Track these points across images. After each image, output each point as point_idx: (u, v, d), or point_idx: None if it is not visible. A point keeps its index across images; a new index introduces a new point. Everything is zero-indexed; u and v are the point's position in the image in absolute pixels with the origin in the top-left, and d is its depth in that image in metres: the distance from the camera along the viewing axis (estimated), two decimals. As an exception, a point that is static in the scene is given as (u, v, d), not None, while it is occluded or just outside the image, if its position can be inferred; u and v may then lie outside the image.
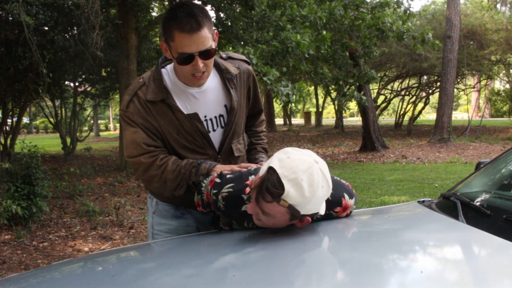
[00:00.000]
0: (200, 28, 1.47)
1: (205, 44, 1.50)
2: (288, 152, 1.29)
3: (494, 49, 15.92)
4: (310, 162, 1.26)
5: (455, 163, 9.85)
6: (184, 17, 1.46)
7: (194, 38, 1.47)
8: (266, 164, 1.30)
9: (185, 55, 1.49)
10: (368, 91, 12.72)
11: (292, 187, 1.23)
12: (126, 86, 8.61)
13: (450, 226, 1.41)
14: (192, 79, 1.58)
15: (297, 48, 5.81)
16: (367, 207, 5.50)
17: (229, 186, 1.45)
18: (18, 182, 4.58)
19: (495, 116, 26.73)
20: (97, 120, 27.90)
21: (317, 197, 1.26)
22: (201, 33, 1.47)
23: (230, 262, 1.30)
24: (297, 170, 1.23)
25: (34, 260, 3.89)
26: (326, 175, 1.29)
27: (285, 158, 1.26)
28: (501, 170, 1.84)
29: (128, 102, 1.61)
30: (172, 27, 1.47)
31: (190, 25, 1.45)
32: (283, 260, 1.25)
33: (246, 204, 1.42)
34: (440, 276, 1.05)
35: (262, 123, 1.99)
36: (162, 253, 1.53)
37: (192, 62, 1.51)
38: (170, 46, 1.52)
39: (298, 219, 1.32)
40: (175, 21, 1.46)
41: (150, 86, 1.60)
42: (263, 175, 1.26)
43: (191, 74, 1.55)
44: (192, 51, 1.49)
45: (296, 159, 1.26)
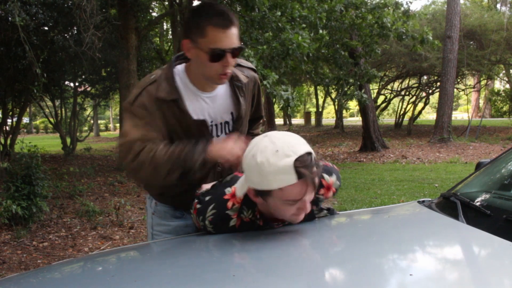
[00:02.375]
0: (232, 24, 1.48)
1: (236, 41, 1.51)
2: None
3: (494, 49, 15.91)
4: (259, 140, 1.29)
5: (455, 163, 9.85)
6: (216, 14, 1.47)
7: (227, 33, 1.47)
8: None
9: (218, 50, 1.48)
10: (368, 91, 12.71)
11: (247, 172, 1.30)
12: (126, 86, 8.62)
13: (450, 226, 1.41)
14: (217, 78, 1.56)
15: (297, 50, 5.81)
16: (367, 207, 5.51)
17: (211, 208, 1.43)
18: (18, 182, 4.58)
19: (495, 116, 26.72)
20: (97, 120, 27.91)
21: (263, 167, 1.23)
22: (233, 30, 1.49)
23: (230, 262, 1.30)
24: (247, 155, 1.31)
25: (34, 260, 3.89)
26: (276, 142, 1.25)
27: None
28: (501, 170, 1.84)
29: (137, 96, 1.57)
30: (205, 23, 1.47)
31: (224, 21, 1.47)
32: (283, 260, 1.25)
33: (233, 219, 1.42)
34: (440, 276, 1.05)
35: (259, 126, 2.00)
36: (162, 253, 1.53)
37: (223, 59, 1.50)
38: (197, 43, 1.50)
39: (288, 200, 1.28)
40: (207, 17, 1.47)
41: (162, 84, 1.58)
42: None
43: (218, 73, 1.54)
44: (225, 46, 1.48)
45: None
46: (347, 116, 37.70)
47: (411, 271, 1.06)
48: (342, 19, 7.75)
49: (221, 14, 1.47)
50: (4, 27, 6.50)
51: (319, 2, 7.11)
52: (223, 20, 1.46)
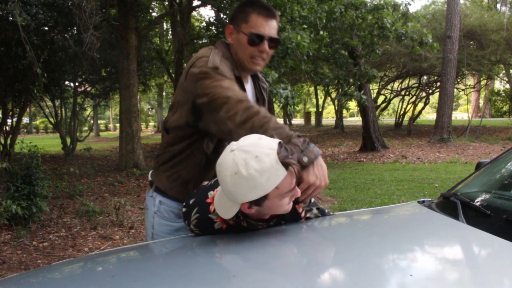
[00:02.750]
0: (274, 17, 1.63)
1: (275, 32, 1.63)
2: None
3: (494, 49, 15.91)
4: (229, 156, 1.25)
5: (455, 163, 9.85)
6: (261, 4, 1.62)
7: (268, 22, 1.61)
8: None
9: (258, 34, 1.59)
10: (368, 91, 12.72)
11: (235, 190, 1.26)
12: (126, 86, 8.62)
13: (450, 226, 1.41)
14: (250, 63, 1.65)
15: (297, 49, 5.81)
16: (367, 207, 5.51)
17: (194, 212, 1.44)
18: (18, 182, 4.58)
19: (495, 116, 26.73)
20: (97, 120, 27.92)
21: (254, 177, 1.21)
22: (274, 21, 1.63)
23: (230, 262, 1.30)
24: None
25: (34, 260, 3.89)
26: (249, 150, 1.23)
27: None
28: (501, 170, 1.84)
29: (219, 61, 1.57)
30: (249, 10, 1.60)
31: (267, 10, 1.61)
32: (283, 260, 1.25)
33: (216, 222, 1.42)
34: (440, 276, 1.05)
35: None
36: (162, 253, 1.53)
37: (261, 45, 1.61)
38: (240, 28, 1.61)
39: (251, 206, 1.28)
40: (253, 5, 1.61)
41: (228, 60, 1.64)
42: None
43: (252, 57, 1.63)
44: (265, 33, 1.60)
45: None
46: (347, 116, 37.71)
47: (411, 271, 1.06)
48: (342, 19, 7.75)
49: (266, 7, 1.62)
50: (5, 27, 6.50)
51: (319, 2, 7.11)
52: (267, 10, 1.61)
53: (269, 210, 1.32)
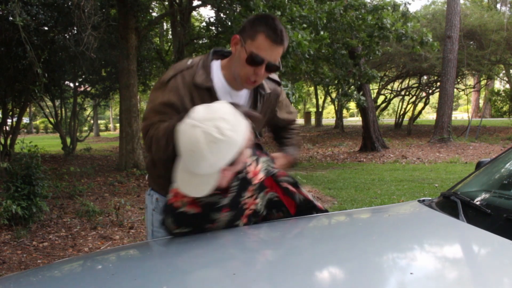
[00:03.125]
0: (282, 44, 1.56)
1: (277, 59, 1.59)
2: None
3: (494, 49, 15.91)
4: (190, 132, 1.30)
5: (455, 163, 9.85)
6: (273, 27, 1.54)
7: (273, 48, 1.55)
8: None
9: (258, 58, 1.55)
10: (368, 91, 12.72)
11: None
12: (126, 86, 8.62)
13: (450, 225, 1.41)
14: (244, 81, 1.62)
15: (297, 48, 5.80)
16: (367, 207, 5.50)
17: (167, 218, 1.52)
18: (18, 182, 4.58)
19: (495, 116, 26.73)
20: (97, 120, 27.92)
21: (211, 153, 1.27)
22: (280, 48, 1.57)
23: (230, 260, 1.30)
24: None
25: (34, 260, 3.89)
26: (195, 116, 1.31)
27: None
28: (501, 169, 1.84)
29: (171, 77, 1.61)
30: (260, 29, 1.54)
31: (277, 36, 1.54)
32: (283, 259, 1.25)
33: (190, 210, 1.48)
34: (440, 274, 1.05)
35: (292, 133, 2.04)
36: (161, 251, 1.53)
37: (258, 67, 1.57)
38: (245, 42, 1.56)
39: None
40: (266, 25, 1.54)
41: (199, 71, 1.63)
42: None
43: (247, 77, 1.60)
44: (266, 57, 1.55)
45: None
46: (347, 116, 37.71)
47: (412, 270, 1.06)
48: (342, 20, 7.75)
49: (278, 30, 1.54)
50: (5, 27, 6.50)
51: (319, 3, 7.11)
52: (277, 35, 1.54)
53: (238, 166, 1.37)
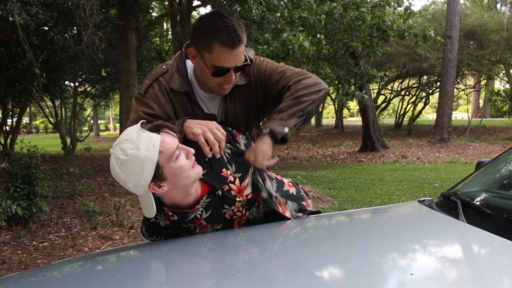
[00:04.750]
0: (240, 43, 1.46)
1: (241, 59, 1.50)
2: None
3: (494, 49, 15.91)
4: (110, 160, 1.37)
5: (455, 163, 9.85)
6: (225, 30, 1.42)
7: (233, 53, 1.46)
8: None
9: (222, 69, 1.47)
10: (368, 91, 12.72)
11: (133, 178, 1.35)
12: (126, 86, 8.62)
13: (450, 225, 1.40)
14: (218, 89, 1.55)
15: (298, 51, 5.80)
16: (367, 207, 5.50)
17: (142, 225, 1.59)
18: (18, 182, 4.58)
19: (495, 116, 26.72)
20: (97, 120, 27.92)
21: (127, 175, 1.32)
22: (240, 48, 1.47)
23: (230, 261, 1.30)
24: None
25: (34, 260, 3.89)
26: (117, 144, 1.36)
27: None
28: (501, 169, 1.84)
29: (148, 87, 1.57)
30: (213, 39, 1.44)
31: (232, 40, 1.43)
32: (283, 259, 1.25)
33: (160, 220, 1.51)
34: (440, 275, 1.05)
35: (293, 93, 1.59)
36: (161, 252, 1.53)
37: (226, 74, 1.50)
38: (203, 56, 1.49)
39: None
40: (216, 33, 1.43)
41: (174, 76, 1.58)
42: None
43: (219, 85, 1.53)
44: (230, 65, 1.48)
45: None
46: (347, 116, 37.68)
47: (412, 270, 1.06)
48: (342, 20, 7.74)
49: (231, 31, 1.43)
50: (4, 27, 6.50)
51: (319, 4, 7.10)
52: (231, 39, 1.43)
53: (178, 179, 1.35)
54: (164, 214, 1.47)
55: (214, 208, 1.49)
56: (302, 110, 1.54)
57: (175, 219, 1.47)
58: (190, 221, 1.48)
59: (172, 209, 1.45)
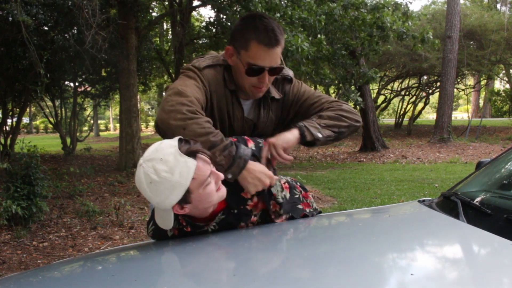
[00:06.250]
0: (277, 44, 1.46)
1: (277, 60, 1.49)
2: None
3: (494, 49, 15.91)
4: (139, 171, 1.29)
5: (455, 163, 9.85)
6: (264, 29, 1.44)
7: (270, 52, 1.46)
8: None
9: (257, 67, 1.47)
10: (368, 91, 12.72)
11: (158, 199, 1.29)
12: (126, 86, 8.62)
13: (450, 225, 1.40)
14: (251, 90, 1.54)
15: (297, 53, 5.79)
16: (367, 207, 5.50)
17: (151, 224, 1.53)
18: (18, 182, 4.58)
19: (495, 116, 26.72)
20: (97, 120, 27.92)
21: (168, 178, 1.24)
22: (277, 49, 1.47)
23: (230, 261, 1.30)
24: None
25: (34, 260, 3.89)
26: (152, 158, 1.27)
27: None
28: (501, 169, 1.84)
29: (208, 66, 1.53)
30: (251, 37, 1.44)
31: (269, 39, 1.44)
32: (283, 259, 1.25)
33: (168, 230, 1.49)
34: (441, 275, 1.05)
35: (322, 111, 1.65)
36: (162, 252, 1.53)
37: (260, 75, 1.49)
38: (239, 54, 1.49)
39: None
40: (255, 31, 1.44)
41: (228, 72, 1.57)
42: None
43: (253, 86, 1.52)
44: (265, 65, 1.47)
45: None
46: (347, 116, 37.59)
47: (412, 271, 1.06)
48: (342, 20, 7.74)
49: (269, 31, 1.44)
50: (5, 27, 6.50)
51: (319, 4, 7.10)
52: (269, 38, 1.44)
53: (202, 203, 1.33)
54: (178, 224, 1.45)
55: (228, 224, 1.48)
56: (339, 127, 1.58)
57: (188, 230, 1.46)
58: (200, 232, 1.48)
59: (187, 219, 1.44)
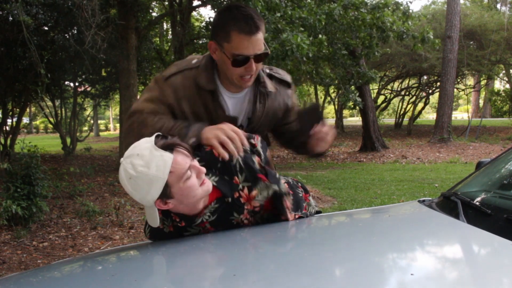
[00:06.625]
0: (258, 30, 1.47)
1: (260, 47, 1.50)
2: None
3: (494, 49, 15.91)
4: (120, 168, 1.31)
5: (455, 163, 9.84)
6: (242, 18, 1.45)
7: (252, 40, 1.46)
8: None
9: (241, 57, 1.48)
10: (368, 91, 12.72)
11: (139, 194, 1.31)
12: (126, 86, 8.62)
13: (450, 226, 1.40)
14: (239, 81, 1.55)
15: (297, 51, 5.79)
16: (367, 207, 5.50)
17: (148, 225, 1.50)
18: (18, 182, 4.58)
19: (495, 116, 26.72)
20: (97, 120, 27.92)
21: (144, 172, 1.26)
22: (258, 35, 1.48)
23: (230, 261, 1.29)
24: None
25: (34, 260, 3.89)
26: (129, 154, 1.30)
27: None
28: (501, 169, 1.84)
29: (173, 73, 1.55)
30: (230, 28, 1.46)
31: (250, 27, 1.45)
32: (283, 260, 1.25)
33: (165, 227, 1.48)
34: (441, 275, 1.05)
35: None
36: (162, 252, 1.53)
37: (247, 64, 1.50)
38: (223, 47, 1.50)
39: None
40: (234, 22, 1.45)
41: (202, 74, 1.57)
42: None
43: (240, 77, 1.53)
44: (249, 53, 1.48)
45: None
46: (347, 116, 37.67)
47: (412, 271, 1.06)
48: (341, 21, 7.74)
49: (248, 18, 1.45)
50: (5, 27, 6.50)
51: (319, 4, 7.10)
52: (249, 25, 1.45)
53: (185, 198, 1.33)
54: (172, 221, 1.45)
55: (222, 213, 1.47)
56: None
57: (182, 225, 1.46)
58: (196, 225, 1.47)
59: (179, 215, 1.44)
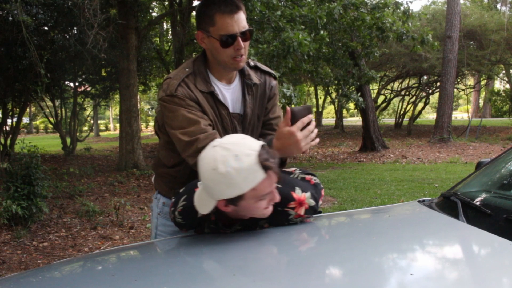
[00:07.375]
0: (239, 8, 1.55)
1: (244, 24, 1.56)
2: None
3: (494, 49, 15.90)
4: (211, 152, 1.27)
5: (455, 163, 9.84)
6: (221, 1, 1.53)
7: (235, 18, 1.53)
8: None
9: (228, 35, 1.53)
10: (368, 91, 12.71)
11: (212, 186, 1.28)
12: (126, 86, 8.62)
13: (450, 226, 1.40)
14: (232, 63, 1.59)
15: (298, 48, 5.79)
16: (367, 207, 5.50)
17: (183, 199, 1.44)
18: (18, 182, 4.58)
19: (495, 116, 26.73)
20: (97, 120, 27.93)
21: (231, 175, 1.23)
22: (240, 13, 1.55)
23: (230, 261, 1.30)
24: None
25: (34, 260, 3.89)
26: (230, 148, 1.26)
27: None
28: (501, 170, 1.84)
29: (177, 86, 1.58)
30: (212, 12, 1.53)
31: (230, 6, 1.53)
32: (283, 260, 1.25)
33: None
34: (440, 275, 1.05)
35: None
36: (162, 252, 1.53)
37: (235, 43, 1.55)
38: (209, 32, 1.56)
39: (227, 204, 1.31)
40: (214, 5, 1.53)
41: (198, 77, 1.62)
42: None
43: (232, 58, 1.58)
44: (235, 31, 1.54)
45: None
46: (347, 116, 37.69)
47: (412, 271, 1.06)
48: (341, 20, 7.74)
49: (227, 1, 1.52)
50: (5, 27, 6.50)
51: (319, 4, 7.10)
52: (229, 6, 1.53)
53: (245, 212, 1.32)
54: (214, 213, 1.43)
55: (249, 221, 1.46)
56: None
57: (213, 219, 1.45)
58: (227, 228, 1.47)
59: (223, 216, 1.42)
